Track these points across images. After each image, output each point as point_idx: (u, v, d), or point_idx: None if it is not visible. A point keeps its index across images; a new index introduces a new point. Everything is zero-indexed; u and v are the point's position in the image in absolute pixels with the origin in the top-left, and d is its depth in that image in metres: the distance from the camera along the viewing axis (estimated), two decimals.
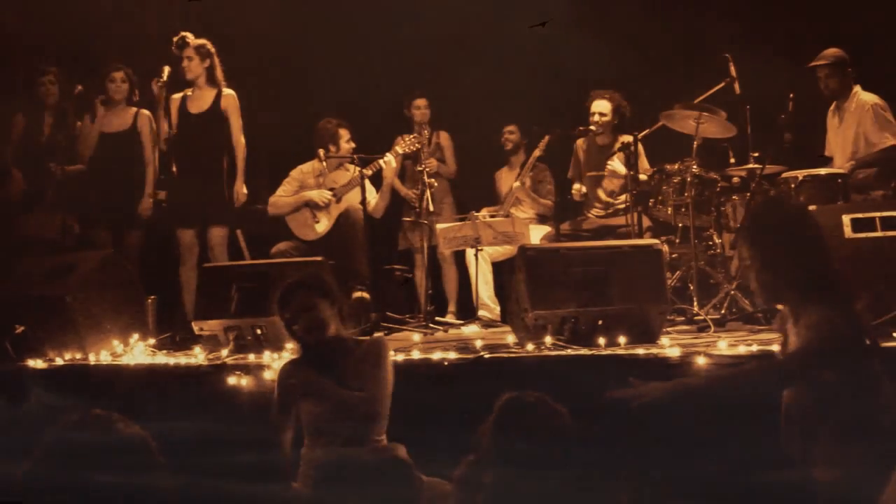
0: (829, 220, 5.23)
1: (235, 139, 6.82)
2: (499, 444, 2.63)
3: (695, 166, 6.36)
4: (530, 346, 5.03)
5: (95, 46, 7.78)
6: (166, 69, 6.66)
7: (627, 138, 6.79)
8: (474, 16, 8.27)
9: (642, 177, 6.62)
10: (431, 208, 7.13)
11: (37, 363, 5.40)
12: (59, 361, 5.47)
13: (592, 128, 7.14)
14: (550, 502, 2.32)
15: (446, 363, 4.85)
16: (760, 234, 3.21)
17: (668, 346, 4.86)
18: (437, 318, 7.00)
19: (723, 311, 5.99)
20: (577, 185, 7.35)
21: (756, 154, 6.37)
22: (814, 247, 3.16)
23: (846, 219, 5.17)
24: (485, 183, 8.00)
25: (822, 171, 6.19)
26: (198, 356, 5.46)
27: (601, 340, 4.98)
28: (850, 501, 2.97)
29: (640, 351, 4.79)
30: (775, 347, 3.66)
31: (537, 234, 7.22)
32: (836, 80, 6.49)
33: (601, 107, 7.14)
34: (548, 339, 5.03)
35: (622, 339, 4.97)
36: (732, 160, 6.68)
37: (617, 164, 6.90)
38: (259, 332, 5.51)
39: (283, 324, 4.10)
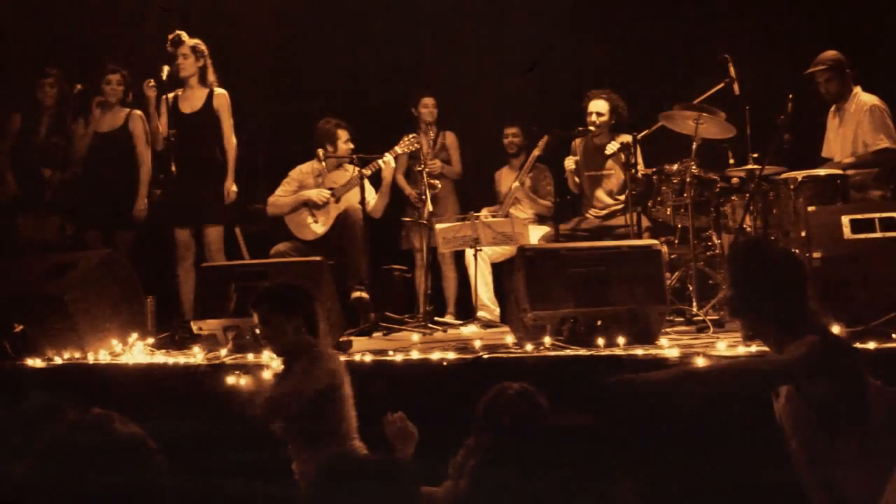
0: (828, 220, 5.23)
1: (227, 138, 6.82)
2: (489, 436, 2.65)
3: (694, 167, 6.36)
4: (529, 347, 5.03)
5: (95, 47, 7.77)
6: (165, 68, 6.66)
7: (625, 138, 6.80)
8: (474, 16, 8.28)
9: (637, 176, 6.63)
10: (431, 208, 7.12)
11: (35, 362, 5.39)
12: (57, 360, 5.47)
13: (591, 128, 7.13)
14: (540, 497, 2.32)
15: (445, 363, 4.85)
16: (740, 276, 3.27)
17: (667, 347, 4.87)
18: (436, 319, 7.00)
19: (722, 312, 5.98)
20: (568, 158, 7.32)
21: (755, 155, 6.36)
22: (793, 289, 3.21)
23: (845, 220, 5.17)
24: (488, 183, 7.99)
25: (822, 171, 6.17)
26: (197, 356, 5.45)
27: (600, 341, 4.98)
28: (849, 502, 2.97)
29: (639, 351, 4.80)
30: None
31: (536, 235, 7.22)
32: (835, 83, 6.44)
33: (598, 107, 7.13)
34: (547, 340, 5.03)
35: (621, 340, 4.97)
36: (732, 161, 6.67)
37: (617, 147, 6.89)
38: (258, 331, 5.49)
39: None
